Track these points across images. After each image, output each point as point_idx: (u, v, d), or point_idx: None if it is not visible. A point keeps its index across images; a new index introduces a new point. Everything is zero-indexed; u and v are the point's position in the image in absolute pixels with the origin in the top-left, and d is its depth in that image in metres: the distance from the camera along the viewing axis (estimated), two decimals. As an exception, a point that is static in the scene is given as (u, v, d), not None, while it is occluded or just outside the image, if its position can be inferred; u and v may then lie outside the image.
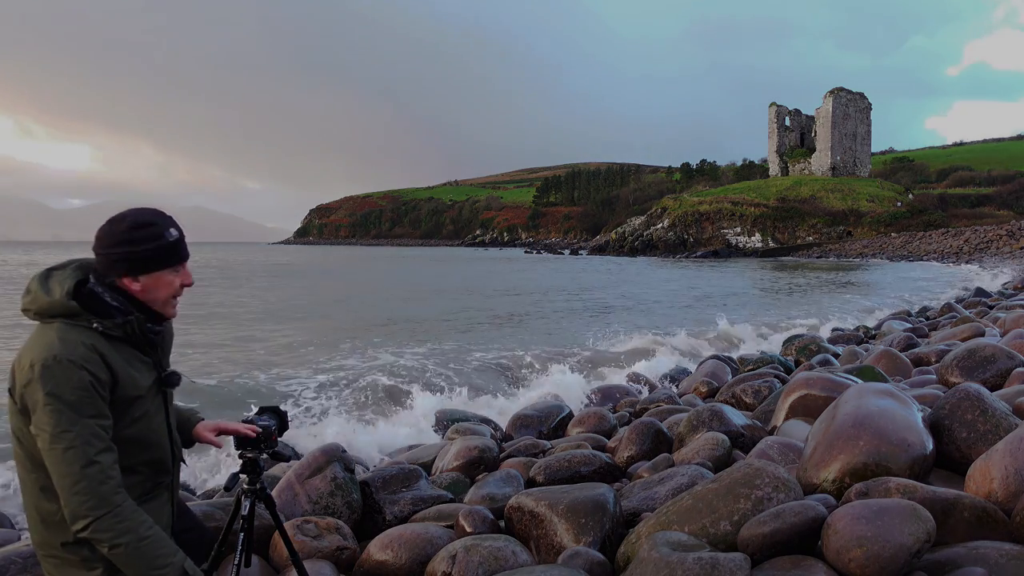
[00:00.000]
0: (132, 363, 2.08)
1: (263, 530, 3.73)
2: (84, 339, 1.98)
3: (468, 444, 5.75)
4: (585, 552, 3.32)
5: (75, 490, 1.90)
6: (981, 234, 59.90)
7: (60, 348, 1.94)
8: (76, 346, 1.96)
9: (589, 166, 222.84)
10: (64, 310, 2.00)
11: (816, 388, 5.25)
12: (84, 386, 1.92)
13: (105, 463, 1.94)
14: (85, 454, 1.90)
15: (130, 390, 2.05)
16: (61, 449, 1.90)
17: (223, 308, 21.30)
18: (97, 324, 2.01)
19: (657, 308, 22.49)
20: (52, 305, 2.01)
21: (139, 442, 2.09)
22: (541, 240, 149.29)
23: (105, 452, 1.95)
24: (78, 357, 1.94)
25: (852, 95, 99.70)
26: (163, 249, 2.10)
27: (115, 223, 2.08)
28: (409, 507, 4.41)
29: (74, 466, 1.89)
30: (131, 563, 1.96)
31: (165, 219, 2.14)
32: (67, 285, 2.04)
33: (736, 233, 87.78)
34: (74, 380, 1.92)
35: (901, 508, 2.75)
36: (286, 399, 8.93)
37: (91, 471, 1.91)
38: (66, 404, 1.90)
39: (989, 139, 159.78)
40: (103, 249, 2.08)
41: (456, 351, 13.16)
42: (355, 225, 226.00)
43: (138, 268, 2.08)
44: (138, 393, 2.08)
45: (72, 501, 1.91)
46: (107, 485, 1.93)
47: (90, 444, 1.91)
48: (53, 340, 1.96)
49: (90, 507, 1.91)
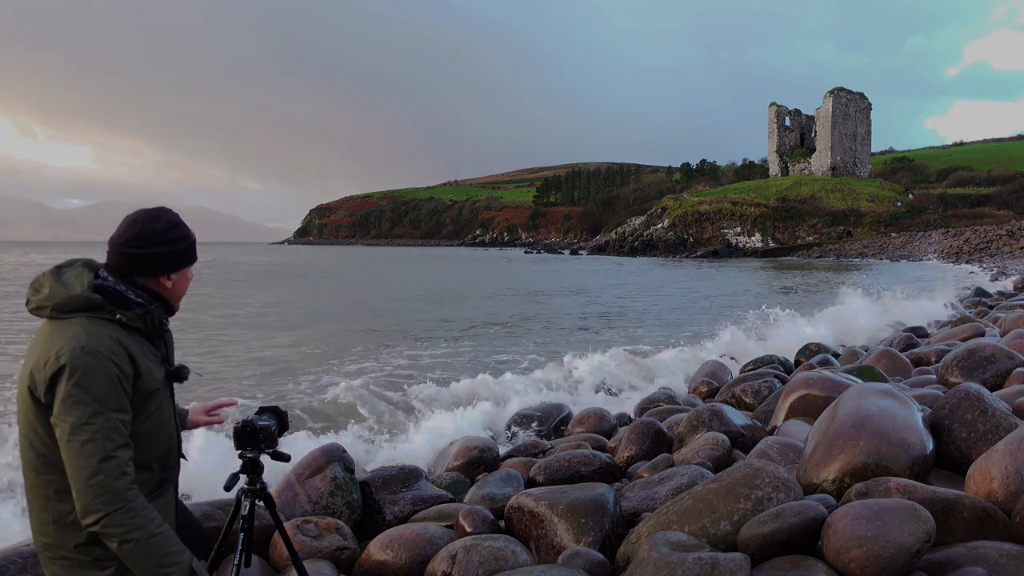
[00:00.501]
0: (148, 356, 2.12)
1: (263, 530, 3.73)
2: (109, 332, 2.01)
3: (468, 444, 5.75)
4: (585, 552, 3.32)
5: (90, 483, 1.91)
6: (981, 234, 59.90)
7: (87, 340, 1.97)
8: (102, 339, 1.99)
9: (589, 166, 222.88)
10: (87, 303, 2.03)
11: (816, 388, 5.25)
12: (111, 379, 1.96)
13: (122, 458, 1.96)
14: (104, 448, 1.92)
15: (149, 383, 2.09)
16: (81, 441, 1.91)
17: (225, 311, 21.31)
18: (120, 315, 2.05)
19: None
20: (74, 299, 2.03)
21: (153, 436, 2.13)
22: (541, 240, 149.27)
23: (123, 448, 1.97)
24: (105, 349, 1.97)
25: (852, 95, 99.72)
26: (192, 247, 2.23)
27: (150, 223, 2.14)
28: (409, 507, 4.41)
29: (92, 459, 1.91)
30: (140, 560, 1.97)
31: (181, 220, 2.24)
32: (86, 280, 2.06)
33: (736, 233, 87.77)
34: (102, 372, 1.95)
35: (901, 508, 2.75)
36: (299, 402, 8.94)
37: (108, 465, 1.92)
38: (92, 396, 1.93)
39: (989, 139, 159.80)
40: (142, 249, 2.12)
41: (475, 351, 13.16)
42: (355, 225, 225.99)
43: (175, 265, 2.18)
44: (156, 386, 2.12)
45: (86, 495, 1.92)
46: (122, 481, 1.94)
47: (110, 439, 1.94)
48: (79, 333, 1.98)
49: (104, 502, 1.92)
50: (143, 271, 2.14)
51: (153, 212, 2.18)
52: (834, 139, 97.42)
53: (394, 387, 9.99)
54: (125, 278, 2.13)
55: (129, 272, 2.13)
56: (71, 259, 2.18)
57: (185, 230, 2.20)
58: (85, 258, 2.18)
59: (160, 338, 2.20)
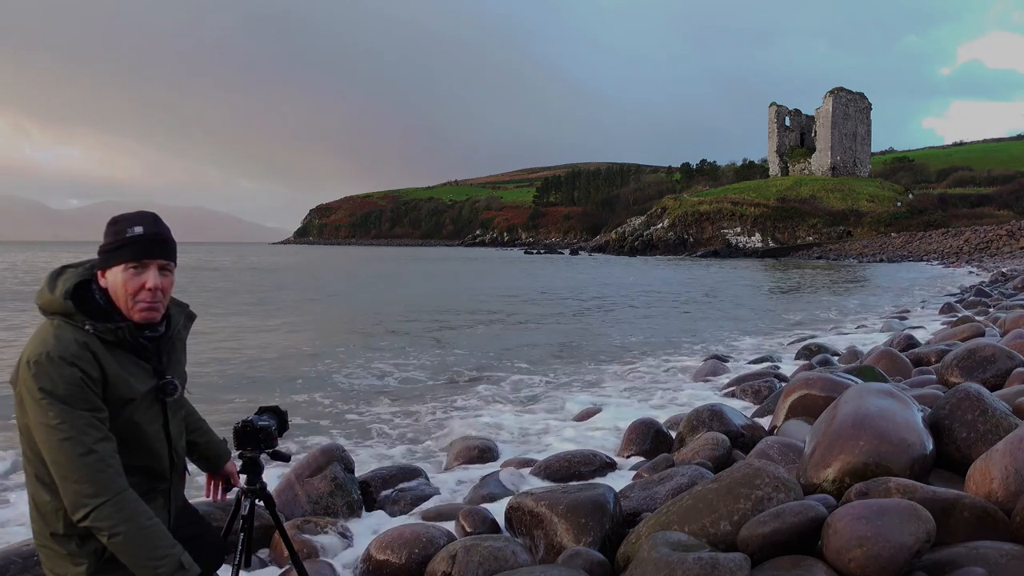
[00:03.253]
0: (127, 366, 2.08)
1: (263, 530, 3.73)
2: (78, 337, 2.00)
3: (468, 444, 5.75)
4: (585, 552, 3.32)
5: (74, 479, 1.91)
6: (981, 234, 59.88)
7: (53, 345, 1.97)
8: (69, 344, 1.98)
9: (589, 166, 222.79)
10: (61, 308, 2.03)
11: (816, 388, 5.26)
12: (75, 382, 1.94)
13: (103, 452, 1.95)
14: (82, 443, 1.92)
15: (122, 391, 2.05)
16: (58, 440, 1.91)
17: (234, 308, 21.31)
18: (89, 326, 2.03)
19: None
20: (52, 303, 2.05)
21: (129, 445, 2.08)
22: (541, 240, 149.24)
23: (102, 441, 1.96)
24: (69, 355, 1.96)
25: (852, 95, 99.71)
26: (121, 243, 2.09)
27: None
28: (409, 507, 4.41)
29: (71, 456, 1.91)
30: (130, 552, 1.96)
31: (139, 218, 2.13)
32: (68, 284, 2.07)
33: (736, 233, 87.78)
34: (65, 376, 1.94)
35: (901, 508, 2.75)
36: (306, 402, 8.93)
37: (89, 460, 1.92)
38: (58, 399, 1.92)
39: (989, 139, 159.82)
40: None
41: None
42: (355, 225, 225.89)
43: (101, 261, 2.12)
44: (131, 396, 2.07)
45: (71, 491, 1.92)
46: (106, 473, 1.93)
47: (86, 434, 1.93)
48: (48, 337, 2.00)
49: (90, 495, 1.91)
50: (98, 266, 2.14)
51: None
52: (834, 139, 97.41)
53: (394, 387, 10.00)
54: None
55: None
56: (80, 261, 2.18)
57: (120, 227, 2.09)
58: (95, 259, 2.16)
59: (153, 350, 2.14)
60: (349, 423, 7.91)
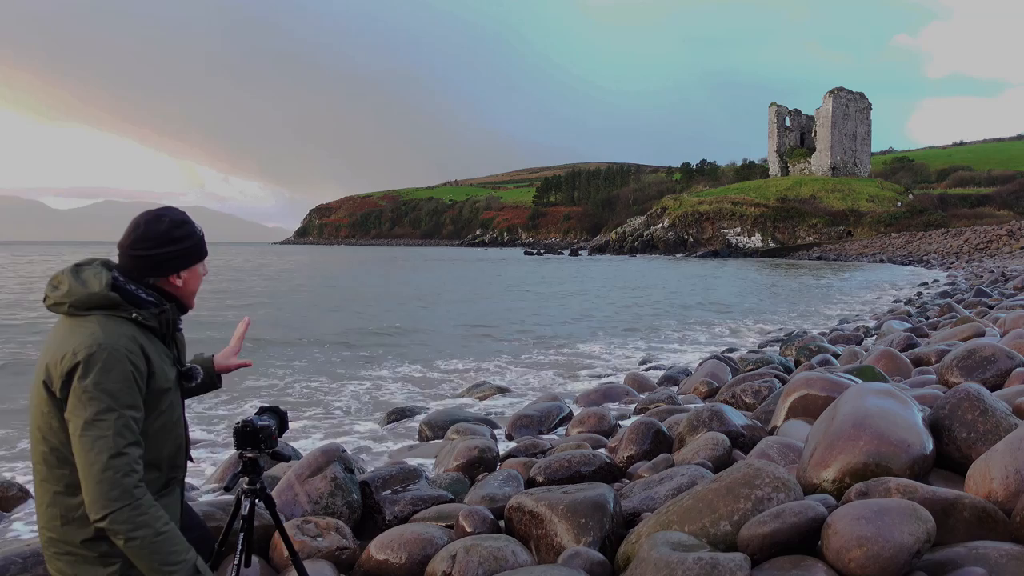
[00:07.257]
0: (161, 356, 2.15)
1: (263, 530, 3.73)
2: (125, 330, 2.05)
3: (468, 444, 5.75)
4: (585, 552, 3.32)
5: (100, 479, 1.93)
6: (981, 234, 59.89)
7: (104, 338, 2.00)
8: (119, 336, 2.02)
9: (589, 166, 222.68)
10: (105, 301, 2.06)
11: (816, 388, 5.25)
12: (127, 376, 1.99)
13: (132, 456, 1.98)
14: (116, 444, 1.95)
15: (162, 382, 2.12)
16: (93, 437, 1.94)
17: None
18: (136, 314, 2.07)
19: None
20: (92, 297, 2.06)
21: (163, 435, 2.15)
22: (541, 240, 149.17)
23: (133, 445, 1.99)
24: (122, 347, 2.00)
25: (852, 95, 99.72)
26: (199, 245, 2.24)
27: (153, 224, 2.16)
28: (409, 507, 4.41)
29: (103, 455, 1.93)
30: (145, 557, 1.98)
31: (187, 216, 2.26)
32: (105, 279, 2.09)
33: (736, 233, 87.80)
34: (118, 369, 1.98)
35: (901, 508, 2.76)
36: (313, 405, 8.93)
37: (118, 462, 1.94)
38: (107, 392, 1.95)
39: (989, 139, 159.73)
40: (148, 250, 2.14)
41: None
42: (355, 225, 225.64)
43: (183, 264, 2.20)
44: (168, 386, 2.15)
45: (94, 490, 1.94)
46: (130, 478, 1.96)
47: (121, 435, 1.96)
48: (96, 330, 2.01)
49: (112, 498, 1.93)
50: (152, 272, 2.16)
51: (157, 212, 2.20)
52: (834, 139, 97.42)
53: (395, 388, 10.01)
54: (136, 280, 2.15)
55: (139, 274, 2.16)
56: (90, 258, 2.20)
57: (190, 227, 2.21)
58: (103, 258, 2.20)
59: (172, 339, 2.23)
60: (349, 423, 7.92)
